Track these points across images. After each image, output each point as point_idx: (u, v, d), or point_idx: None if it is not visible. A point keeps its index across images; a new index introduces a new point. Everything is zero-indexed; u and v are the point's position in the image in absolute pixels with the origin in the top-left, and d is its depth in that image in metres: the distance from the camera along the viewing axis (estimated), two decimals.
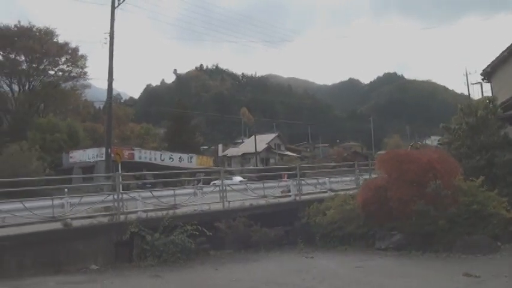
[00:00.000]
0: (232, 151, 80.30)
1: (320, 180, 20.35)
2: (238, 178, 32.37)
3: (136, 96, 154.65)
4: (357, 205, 14.20)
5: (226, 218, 14.76)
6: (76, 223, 12.95)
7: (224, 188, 16.00)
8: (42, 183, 23.36)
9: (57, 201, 13.87)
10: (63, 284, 9.97)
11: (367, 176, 19.40)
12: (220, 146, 79.27)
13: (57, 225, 12.66)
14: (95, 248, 12.22)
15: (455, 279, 9.09)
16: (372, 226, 13.82)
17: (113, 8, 25.83)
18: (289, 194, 18.32)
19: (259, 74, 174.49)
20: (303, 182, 18.62)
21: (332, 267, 11.36)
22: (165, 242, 12.23)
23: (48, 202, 13.92)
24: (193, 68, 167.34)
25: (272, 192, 17.98)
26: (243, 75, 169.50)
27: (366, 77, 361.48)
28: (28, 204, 12.98)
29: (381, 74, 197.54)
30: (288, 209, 16.49)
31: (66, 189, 15.29)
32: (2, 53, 58.77)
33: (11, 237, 11.55)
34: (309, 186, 19.24)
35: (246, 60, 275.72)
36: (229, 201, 15.80)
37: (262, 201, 16.88)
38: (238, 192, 17.06)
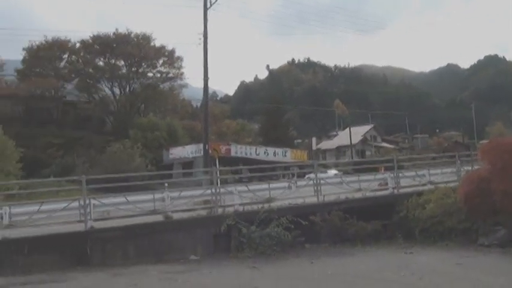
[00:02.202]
0: (326, 144, 79.70)
1: (419, 173, 19.62)
2: (333, 171, 32.11)
3: (231, 93, 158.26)
4: (458, 198, 13.57)
5: (321, 211, 14.73)
6: (176, 216, 13.61)
7: (319, 181, 15.97)
8: (144, 178, 24.81)
9: (158, 195, 14.66)
10: (165, 273, 10.47)
11: (469, 168, 18.42)
12: (314, 140, 78.96)
13: (158, 218, 13.40)
14: (194, 240, 12.76)
15: None
16: (474, 221, 13.16)
17: (205, 9, 26.65)
18: (387, 187, 17.88)
19: (352, 65, 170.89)
20: (400, 174, 18.05)
21: (432, 264, 10.97)
22: (261, 235, 12.47)
23: (150, 196, 14.76)
24: (285, 62, 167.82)
25: (368, 186, 17.63)
26: (336, 66, 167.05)
27: (465, 61, 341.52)
28: (131, 198, 13.87)
29: (482, 57, 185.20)
30: (386, 203, 16.06)
31: (166, 184, 16.08)
32: (102, 59, 62.86)
33: (116, 229, 12.48)
34: (407, 179, 18.60)
35: (338, 52, 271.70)
36: (324, 195, 15.73)
37: (358, 195, 16.58)
38: (333, 185, 16.94)
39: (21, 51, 62.24)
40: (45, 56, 59.52)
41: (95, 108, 59.17)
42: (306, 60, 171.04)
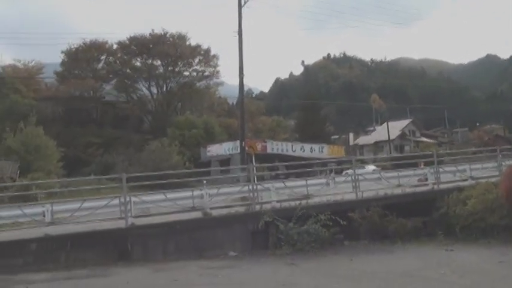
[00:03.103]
0: (363, 139, 78.82)
1: (459, 168, 19.16)
2: (371, 167, 31.76)
3: (266, 90, 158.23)
4: (500, 194, 13.18)
5: (359, 208, 14.57)
6: (215, 212, 13.72)
7: (357, 177, 15.79)
8: (182, 176, 25.10)
9: (196, 192, 14.80)
10: (205, 269, 10.58)
11: (510, 162, 17.85)
12: (351, 135, 78.22)
13: (197, 215, 13.53)
14: (233, 236, 12.83)
15: None
16: None
17: (240, 7, 26.77)
18: (427, 182, 17.54)
19: (388, 58, 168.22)
20: (440, 169, 17.65)
21: (473, 262, 10.71)
22: (299, 232, 12.41)
23: (189, 193, 14.91)
24: (321, 57, 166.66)
25: (408, 181, 17.32)
26: (372, 60, 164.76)
27: (505, 52, 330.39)
28: (170, 195, 14.05)
29: None
30: (425, 199, 15.68)
31: (205, 181, 16.22)
32: (139, 59, 64.02)
33: (156, 225, 12.69)
34: (448, 174, 18.16)
35: (375, 45, 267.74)
36: (362, 191, 15.54)
37: (397, 191, 16.30)
38: (372, 181, 16.73)
39: (60, 54, 63.88)
40: (83, 58, 61.00)
41: (133, 107, 60.25)
42: (342, 55, 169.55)
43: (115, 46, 63.86)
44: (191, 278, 9.74)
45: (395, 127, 70.05)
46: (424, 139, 76.18)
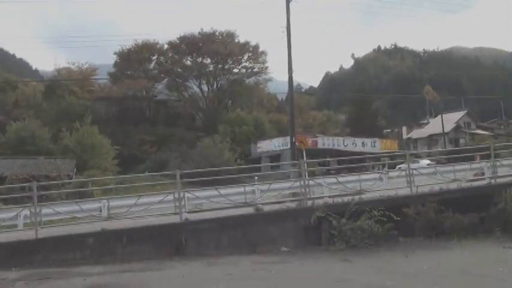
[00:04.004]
0: (417, 133, 77.03)
1: None
2: (425, 161, 31.04)
3: (316, 84, 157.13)
4: None
5: (414, 203, 14.20)
6: (266, 208, 13.74)
7: (411, 172, 15.43)
8: (234, 172, 25.33)
9: (248, 188, 14.91)
10: (258, 264, 10.58)
11: None
12: (404, 128, 76.51)
13: (249, 210, 13.61)
14: (285, 232, 12.81)
15: None
16: None
17: (288, 2, 26.62)
18: (483, 177, 16.94)
19: (441, 48, 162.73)
20: (497, 163, 16.98)
21: None
22: (353, 227, 12.24)
23: (240, 189, 15.04)
24: (371, 50, 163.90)
25: (463, 176, 16.77)
26: (424, 51, 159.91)
27: None
28: (222, 191, 14.21)
29: None
30: (482, 194, 15.06)
31: (256, 177, 16.31)
32: (190, 58, 65.12)
33: (209, 221, 12.83)
34: (505, 168, 17.46)
35: (427, 35, 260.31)
36: (417, 186, 15.17)
37: (453, 185, 15.78)
38: (426, 176, 16.31)
39: (112, 56, 65.84)
40: (135, 58, 62.68)
41: (184, 105, 61.38)
42: (393, 46, 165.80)
43: (166, 46, 65.44)
44: (245, 273, 9.79)
45: (450, 119, 68.03)
46: (480, 131, 73.71)
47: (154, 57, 65.77)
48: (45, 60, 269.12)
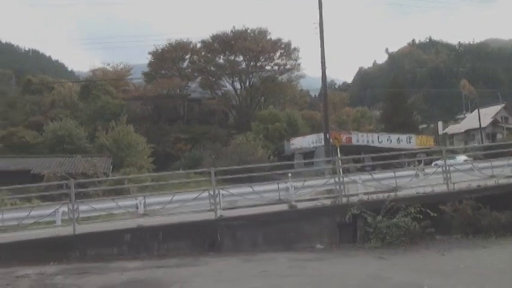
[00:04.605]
0: (453, 128, 75.49)
1: None
2: (462, 157, 30.35)
3: (349, 80, 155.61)
4: None
5: (451, 200, 13.90)
6: (300, 205, 13.73)
7: (448, 168, 15.14)
8: (267, 169, 25.38)
9: (282, 185, 14.91)
10: (293, 261, 10.61)
11: None
12: (440, 124, 75.05)
13: (283, 207, 13.62)
14: (319, 229, 12.77)
15: None
16: None
17: None
18: None
19: (477, 41, 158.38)
20: None
21: None
22: (388, 225, 12.10)
23: (274, 186, 15.04)
24: (405, 44, 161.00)
25: (501, 172, 16.34)
26: (459, 44, 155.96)
27: None
28: (256, 188, 14.26)
29: None
30: None
31: (290, 174, 16.31)
32: (222, 56, 65.54)
33: (244, 217, 12.95)
34: None
35: (462, 28, 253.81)
36: (453, 183, 14.87)
37: (490, 182, 15.38)
38: (463, 172, 15.97)
39: (147, 56, 66.84)
40: (169, 58, 63.49)
41: (217, 103, 61.81)
42: (427, 40, 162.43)
43: (199, 45, 66.07)
44: (280, 270, 9.82)
45: (487, 114, 66.29)
46: None
47: (187, 56, 66.49)
48: (80, 62, 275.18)
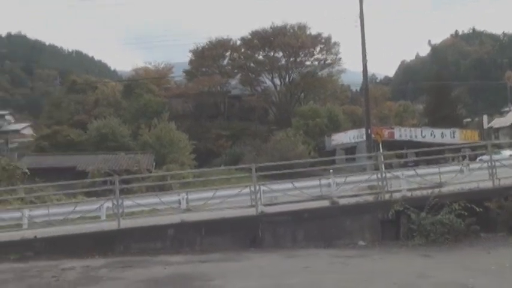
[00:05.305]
0: (498, 122, 73.17)
1: None
2: (507, 152, 29.42)
3: (391, 74, 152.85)
4: None
5: (497, 197, 13.49)
6: (342, 201, 13.66)
7: (493, 163, 14.72)
8: (308, 165, 25.34)
9: (323, 181, 14.86)
10: (335, 257, 10.56)
11: None
12: (485, 117, 72.82)
13: (324, 203, 13.58)
14: (361, 225, 12.65)
15: None
16: None
17: None
18: None
19: None
20: None
21: None
22: (432, 222, 11.87)
23: (315, 182, 15.01)
24: (448, 35, 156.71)
25: None
26: (504, 34, 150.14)
27: None
28: (297, 184, 14.26)
29: None
30: None
31: (331, 170, 16.23)
32: (262, 52, 65.59)
33: (285, 213, 13.00)
34: None
35: (506, 17, 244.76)
36: (499, 179, 14.44)
37: None
38: (509, 167, 15.51)
39: (187, 54, 67.67)
40: (209, 55, 64.06)
41: (258, 99, 61.97)
42: (471, 31, 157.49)
43: (238, 42, 66.31)
44: (322, 266, 9.82)
45: None
46: None
47: (227, 54, 66.92)
48: (122, 61, 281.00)
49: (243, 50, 66.56)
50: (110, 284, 8.66)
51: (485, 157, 16.24)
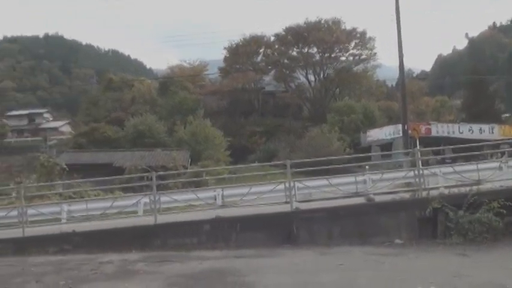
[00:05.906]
0: None
1: None
2: None
3: (428, 68, 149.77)
4: None
5: None
6: (378, 198, 13.53)
7: None
8: (343, 161, 25.17)
9: (359, 178, 14.74)
10: (370, 255, 10.48)
11: None
12: None
13: (360, 200, 13.46)
14: (398, 223, 12.49)
15: None
16: None
17: None
18: None
19: None
20: None
21: None
22: (470, 220, 11.62)
23: (350, 179, 14.89)
24: (486, 28, 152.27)
25: None
26: None
27: None
28: (332, 181, 14.19)
29: None
30: None
31: (367, 167, 16.09)
32: (296, 49, 65.31)
33: (320, 210, 12.96)
34: None
35: None
36: None
37: None
38: None
39: (222, 51, 68.11)
40: (243, 52, 64.27)
41: (292, 96, 61.91)
42: (509, 22, 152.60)
43: (272, 38, 66.28)
44: (356, 264, 9.76)
45: None
46: None
47: (261, 50, 66.98)
48: (158, 60, 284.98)
49: (276, 46, 66.47)
50: (147, 277, 8.84)
51: None
